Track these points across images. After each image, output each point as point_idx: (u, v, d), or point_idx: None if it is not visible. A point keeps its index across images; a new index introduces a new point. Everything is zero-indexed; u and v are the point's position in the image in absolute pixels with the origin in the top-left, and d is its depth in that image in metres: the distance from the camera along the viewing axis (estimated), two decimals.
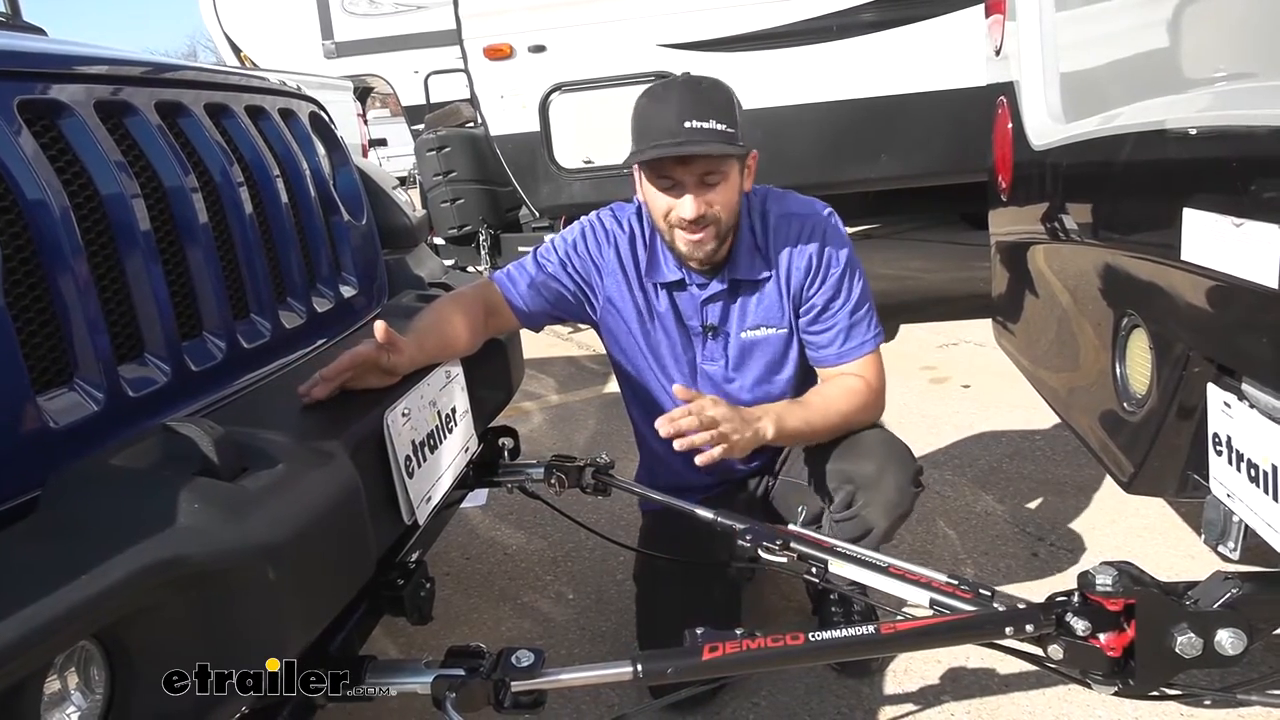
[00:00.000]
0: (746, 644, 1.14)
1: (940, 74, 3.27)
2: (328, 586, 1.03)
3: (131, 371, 1.15)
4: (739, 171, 1.58)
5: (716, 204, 1.54)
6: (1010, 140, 2.00)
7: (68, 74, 1.18)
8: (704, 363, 1.76)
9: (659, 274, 1.70)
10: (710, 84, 1.57)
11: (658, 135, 1.49)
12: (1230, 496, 1.20)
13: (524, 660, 1.12)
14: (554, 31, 3.48)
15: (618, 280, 1.72)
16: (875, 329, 1.70)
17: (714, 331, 1.73)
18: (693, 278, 1.69)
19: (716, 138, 1.48)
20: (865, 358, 1.69)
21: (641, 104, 1.56)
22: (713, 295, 1.69)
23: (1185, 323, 1.27)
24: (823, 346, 1.69)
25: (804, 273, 1.66)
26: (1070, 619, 1.18)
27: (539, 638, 2.03)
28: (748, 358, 1.74)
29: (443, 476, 1.41)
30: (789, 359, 1.74)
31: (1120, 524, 2.29)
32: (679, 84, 1.55)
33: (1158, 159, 1.32)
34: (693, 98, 1.50)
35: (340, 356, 1.26)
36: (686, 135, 1.47)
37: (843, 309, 1.67)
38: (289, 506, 0.97)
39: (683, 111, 1.48)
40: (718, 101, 1.52)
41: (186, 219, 1.28)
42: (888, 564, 1.41)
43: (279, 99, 1.67)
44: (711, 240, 1.58)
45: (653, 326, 1.74)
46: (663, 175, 1.54)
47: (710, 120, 1.48)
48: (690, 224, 1.54)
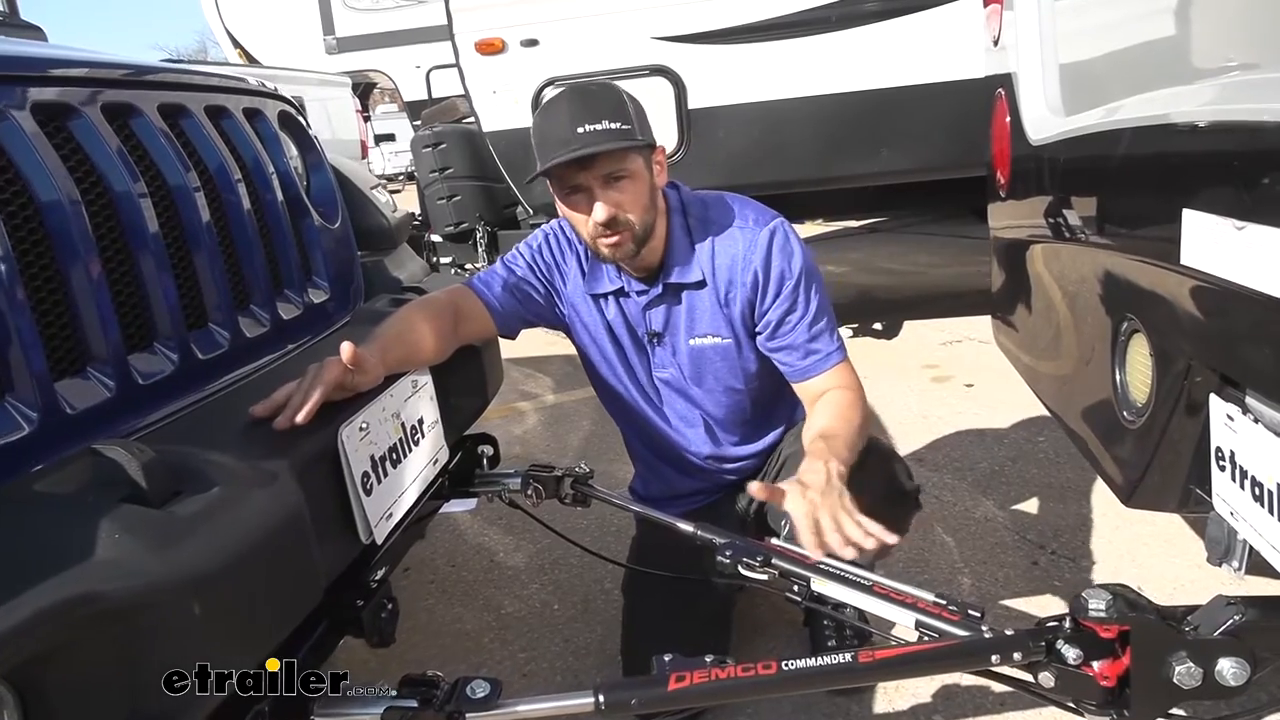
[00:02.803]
0: (716, 673, 1.08)
1: (942, 66, 3.18)
2: (266, 616, 0.98)
3: (71, 387, 1.10)
4: (646, 167, 1.53)
5: (626, 202, 1.50)
6: (1008, 134, 1.92)
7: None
8: (656, 370, 1.72)
9: (598, 284, 1.67)
10: (599, 86, 1.55)
11: (554, 146, 1.45)
12: (1234, 515, 1.13)
13: (479, 691, 1.06)
14: (546, 25, 3.42)
15: (578, 286, 1.69)
16: (837, 341, 1.63)
17: (658, 338, 1.68)
18: (631, 284, 1.65)
19: (610, 136, 1.44)
20: (837, 367, 1.62)
21: (536, 121, 1.53)
22: (652, 301, 1.65)
23: (1187, 330, 1.19)
24: (789, 363, 1.62)
25: (750, 288, 1.59)
26: (1061, 646, 1.11)
27: (522, 651, 1.98)
28: (701, 365, 1.68)
29: (406, 492, 1.35)
30: (746, 368, 1.68)
31: (1125, 531, 2.21)
32: (567, 93, 1.52)
33: (1157, 156, 1.25)
34: (581, 102, 1.47)
35: (310, 392, 1.18)
36: (580, 140, 1.43)
37: (800, 322, 1.59)
38: (221, 533, 0.91)
39: (574, 118, 1.44)
40: (608, 101, 1.49)
41: (135, 225, 1.22)
42: (872, 582, 1.34)
43: (243, 98, 1.61)
44: (630, 241, 1.52)
45: (608, 335, 1.71)
46: (569, 186, 1.50)
47: (602, 121, 1.44)
48: (604, 227, 1.49)
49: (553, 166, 1.45)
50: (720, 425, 1.77)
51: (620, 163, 1.48)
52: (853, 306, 4.88)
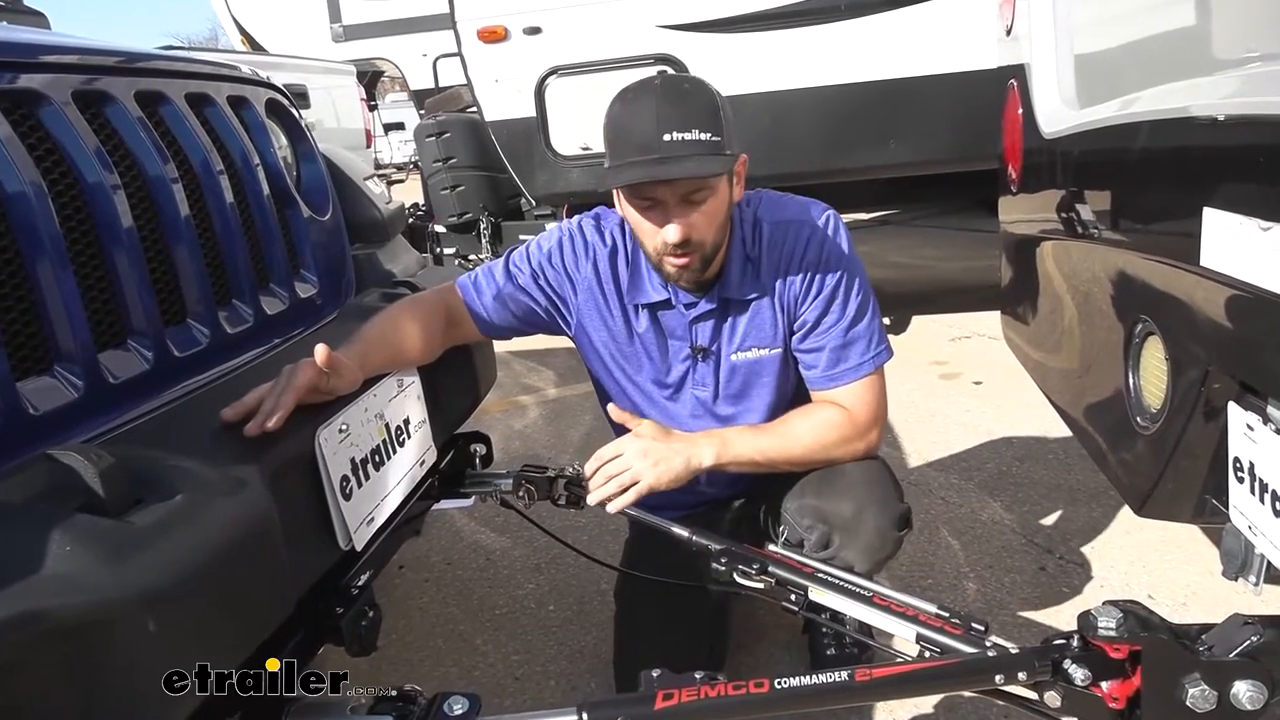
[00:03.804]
0: (705, 691, 1.03)
1: (953, 56, 3.10)
2: (231, 630, 0.93)
3: (36, 386, 1.05)
4: (728, 184, 1.40)
5: (702, 224, 1.37)
6: (1020, 127, 1.86)
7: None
8: (694, 387, 1.60)
9: (642, 294, 1.54)
10: (693, 85, 1.38)
11: (633, 150, 1.31)
12: (1252, 529, 1.08)
13: (456, 708, 1.01)
14: (550, 12, 3.35)
15: (594, 296, 1.57)
16: (875, 348, 1.52)
17: (704, 353, 1.56)
18: (680, 296, 1.53)
19: (701, 149, 1.30)
20: (858, 383, 1.51)
21: (615, 110, 1.38)
22: (702, 314, 1.53)
23: (1205, 335, 1.13)
24: (811, 367, 1.53)
25: (799, 286, 1.49)
26: (1069, 666, 1.06)
27: (515, 653, 1.94)
28: (737, 381, 1.58)
29: (390, 495, 1.31)
30: (783, 383, 1.58)
31: (1136, 536, 2.15)
32: (656, 87, 1.36)
33: (1176, 151, 1.19)
34: (671, 104, 1.31)
35: (282, 397, 1.13)
36: (665, 149, 1.28)
37: (836, 326, 1.49)
38: (181, 544, 0.87)
39: (661, 121, 1.29)
40: (701, 106, 1.33)
41: (107, 217, 1.17)
42: (872, 593, 1.30)
43: (228, 85, 1.56)
44: (699, 262, 1.42)
45: (632, 349, 1.59)
46: (642, 196, 1.36)
47: (693, 130, 1.29)
48: (675, 247, 1.38)
49: (636, 182, 1.32)
50: None
51: (705, 181, 1.34)
52: None
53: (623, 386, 1.64)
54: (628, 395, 1.64)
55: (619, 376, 1.63)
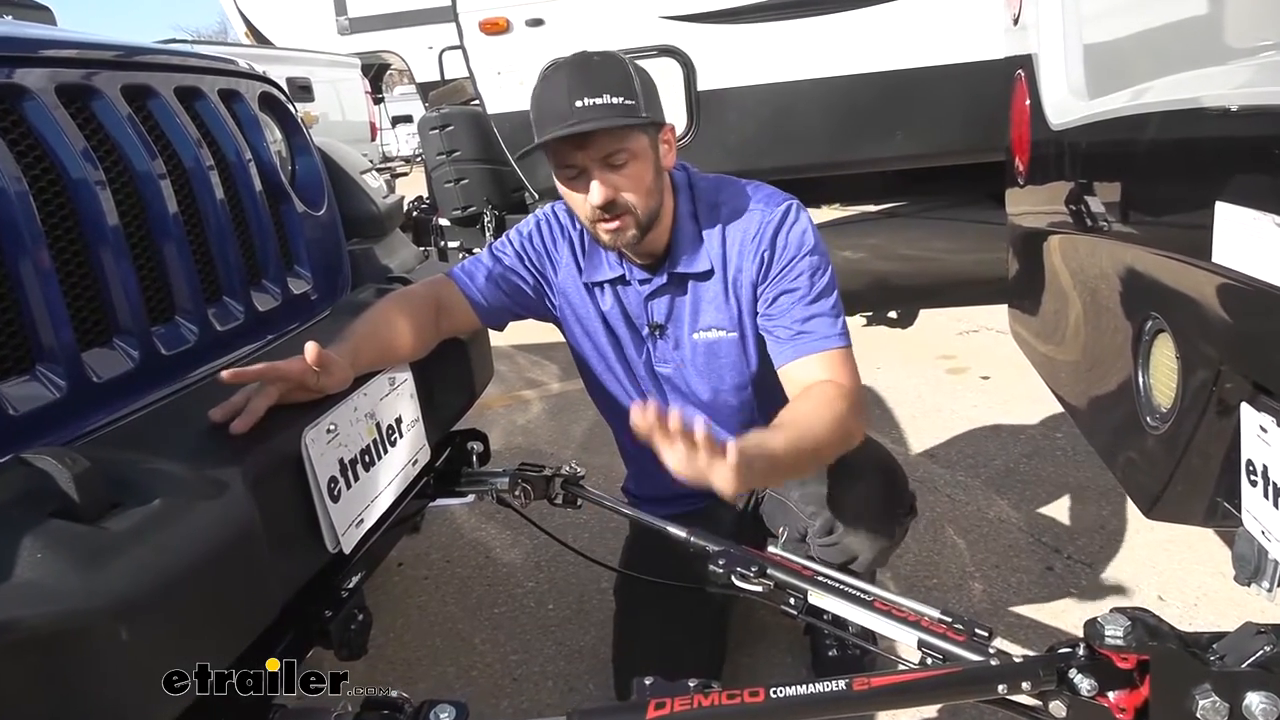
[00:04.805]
0: (699, 700, 1.00)
1: (960, 46, 3.06)
2: (211, 637, 0.91)
3: (16, 388, 1.03)
4: (651, 147, 1.41)
5: (626, 185, 1.38)
6: (1027, 118, 1.82)
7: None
8: (657, 364, 1.61)
9: (598, 271, 1.55)
10: (602, 56, 1.41)
11: (549, 121, 1.34)
12: (1265, 534, 1.04)
13: (444, 717, 0.99)
14: (552, 4, 3.31)
15: (571, 275, 1.58)
16: (840, 328, 1.46)
17: (660, 330, 1.57)
18: (634, 273, 1.54)
19: (611, 112, 1.32)
20: (831, 353, 1.43)
21: (534, 92, 1.41)
22: (655, 290, 1.54)
23: (1217, 333, 1.10)
24: (778, 338, 1.47)
25: (755, 269, 1.47)
26: (1074, 675, 1.03)
27: (514, 653, 1.92)
28: (704, 360, 1.57)
29: (380, 496, 1.28)
30: (750, 364, 1.56)
31: (1145, 536, 2.12)
32: (567, 62, 1.39)
33: (1187, 143, 1.15)
34: (582, 74, 1.35)
35: (262, 390, 1.12)
36: (578, 115, 1.31)
37: (799, 301, 1.45)
38: (157, 550, 0.84)
39: (572, 90, 1.33)
40: (611, 74, 1.36)
41: (91, 213, 1.15)
42: (873, 597, 1.27)
43: (219, 79, 1.53)
44: (632, 226, 1.41)
45: (603, 327, 1.60)
46: (566, 164, 1.38)
47: (603, 95, 1.32)
48: (602, 211, 1.38)
49: (547, 143, 1.35)
50: (719, 422, 1.67)
51: (621, 142, 1.36)
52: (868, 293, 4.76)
53: (600, 372, 1.65)
54: (609, 379, 1.65)
55: (596, 361, 1.65)
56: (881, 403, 3.24)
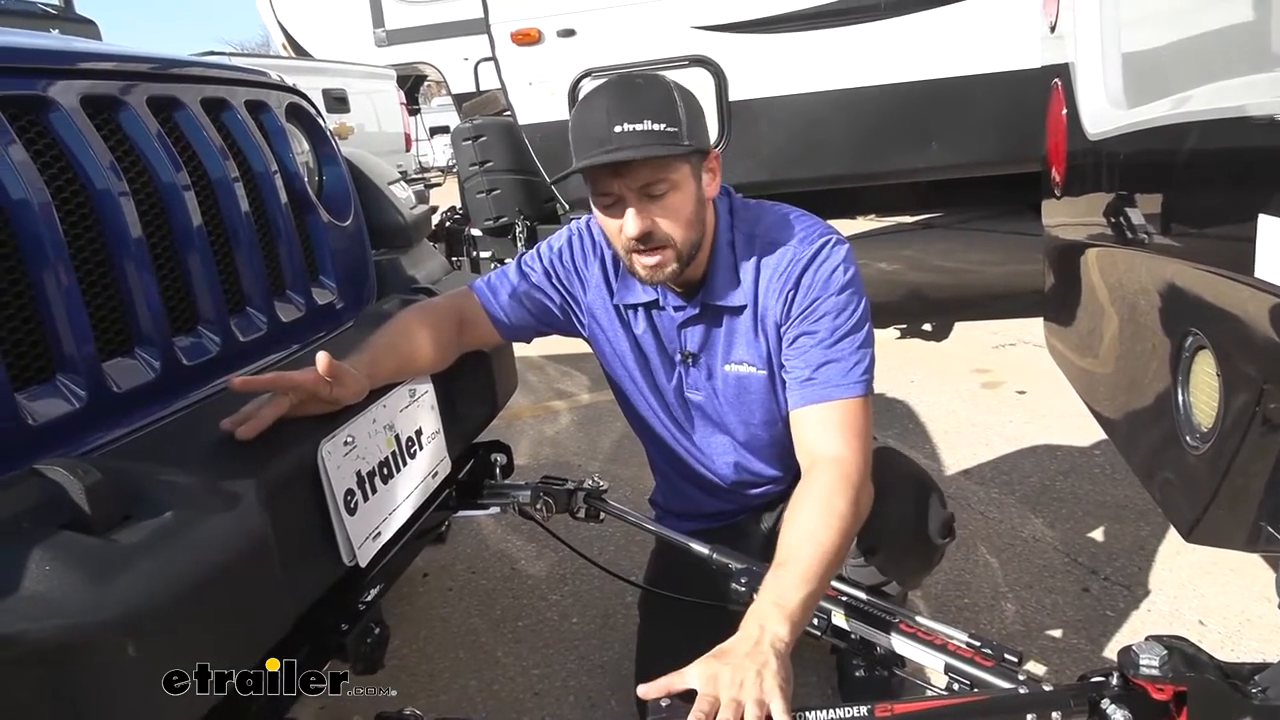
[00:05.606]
0: None
1: (995, 55, 3.02)
2: (222, 651, 0.90)
3: (36, 397, 1.04)
4: (693, 177, 1.34)
5: (666, 218, 1.31)
6: (1064, 128, 1.78)
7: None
8: (689, 391, 1.56)
9: (631, 295, 1.50)
10: (645, 79, 1.35)
11: (588, 146, 1.28)
12: None
13: None
14: (584, 15, 3.32)
15: (602, 295, 1.53)
16: (856, 375, 1.35)
17: (693, 359, 1.51)
18: (668, 298, 1.48)
19: (651, 139, 1.25)
20: (838, 403, 1.33)
21: (574, 114, 1.35)
22: (688, 319, 1.48)
23: (1260, 351, 1.05)
24: (790, 383, 1.41)
25: (780, 312, 1.41)
26: (1107, 706, 0.99)
27: (535, 667, 1.90)
28: (732, 393, 1.52)
29: (399, 509, 1.27)
30: (774, 405, 1.50)
31: (1185, 557, 2.05)
32: (609, 85, 1.33)
33: (1230, 153, 1.11)
34: (622, 98, 1.29)
35: (272, 399, 1.11)
36: (617, 141, 1.25)
37: (818, 344, 1.37)
38: (167, 563, 0.84)
39: (612, 114, 1.26)
40: (653, 98, 1.30)
41: (115, 225, 1.16)
42: (900, 619, 1.23)
43: (245, 90, 1.54)
44: (672, 262, 1.35)
45: (633, 350, 1.55)
46: (602, 192, 1.32)
47: (644, 120, 1.25)
48: (638, 244, 1.32)
49: (583, 170, 1.29)
50: (749, 450, 1.62)
51: (661, 171, 1.28)
52: (903, 305, 4.72)
53: (630, 392, 1.61)
54: (639, 399, 1.61)
55: (626, 381, 1.60)
56: (915, 417, 3.19)
